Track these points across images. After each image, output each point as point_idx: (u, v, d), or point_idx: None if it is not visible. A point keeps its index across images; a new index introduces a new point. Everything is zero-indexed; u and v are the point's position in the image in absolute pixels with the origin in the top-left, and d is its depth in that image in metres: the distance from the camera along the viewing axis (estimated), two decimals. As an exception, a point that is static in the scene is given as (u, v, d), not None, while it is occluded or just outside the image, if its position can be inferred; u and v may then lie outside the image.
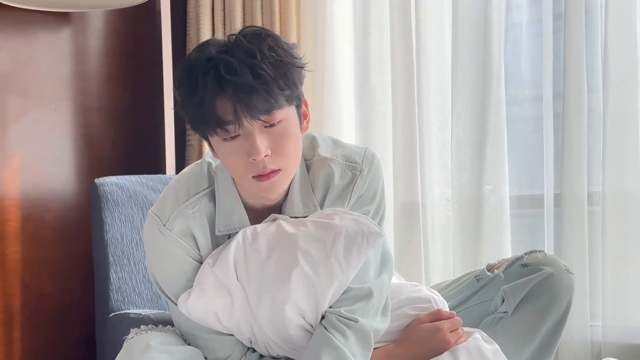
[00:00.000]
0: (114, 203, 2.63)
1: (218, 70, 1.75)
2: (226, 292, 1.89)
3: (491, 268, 2.16)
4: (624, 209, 2.43)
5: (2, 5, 2.86)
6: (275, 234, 1.90)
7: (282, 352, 1.95)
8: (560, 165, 2.53)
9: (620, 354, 2.39)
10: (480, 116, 2.68)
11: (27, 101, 3.00)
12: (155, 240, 1.92)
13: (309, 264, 1.86)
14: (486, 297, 2.13)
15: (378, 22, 2.92)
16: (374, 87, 2.91)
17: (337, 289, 1.88)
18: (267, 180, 1.83)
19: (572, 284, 2.08)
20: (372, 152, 2.01)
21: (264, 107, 1.77)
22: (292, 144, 1.85)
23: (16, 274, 2.94)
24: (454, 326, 2.00)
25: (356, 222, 1.89)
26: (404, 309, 2.02)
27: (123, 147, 3.16)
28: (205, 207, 1.93)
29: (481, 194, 2.67)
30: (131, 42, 3.19)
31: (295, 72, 1.82)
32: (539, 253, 2.13)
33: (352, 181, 1.96)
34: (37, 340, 2.97)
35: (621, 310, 2.43)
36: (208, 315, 1.90)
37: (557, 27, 2.55)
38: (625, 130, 2.42)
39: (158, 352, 1.85)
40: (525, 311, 2.07)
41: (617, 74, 2.42)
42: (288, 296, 1.86)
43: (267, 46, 1.78)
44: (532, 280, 2.06)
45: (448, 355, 1.94)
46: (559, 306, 2.06)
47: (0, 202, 2.92)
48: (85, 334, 2.90)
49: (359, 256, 1.88)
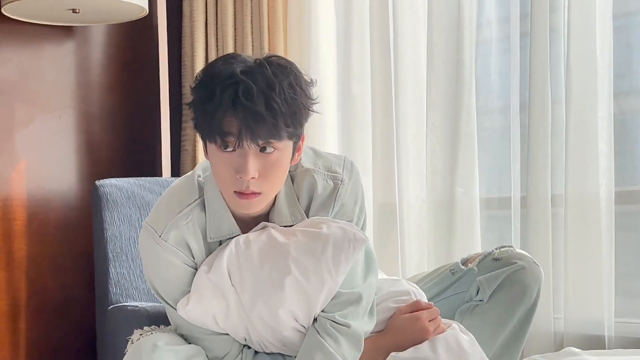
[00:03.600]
0: (114, 203, 2.62)
1: (237, 91, 1.74)
2: (222, 296, 1.88)
3: (465, 262, 2.17)
4: (584, 210, 2.42)
5: (10, 19, 2.86)
6: (267, 242, 1.89)
7: (275, 349, 1.95)
8: (526, 170, 2.52)
9: (580, 343, 2.36)
10: (452, 124, 2.67)
11: (33, 109, 2.99)
12: (152, 251, 1.91)
13: (300, 271, 1.85)
14: (461, 288, 2.15)
15: (359, 38, 2.91)
16: (355, 98, 2.91)
17: (327, 294, 1.88)
18: (246, 199, 1.83)
19: (541, 275, 2.11)
20: (351, 161, 2.01)
21: (266, 135, 1.76)
22: (279, 173, 1.84)
23: (22, 269, 2.94)
24: (432, 315, 2.00)
25: (342, 230, 1.89)
26: (386, 303, 2.03)
27: (122, 152, 3.16)
28: (198, 217, 1.92)
29: (453, 196, 2.66)
30: (130, 54, 3.18)
31: (304, 113, 1.82)
32: (508, 248, 2.15)
33: (335, 190, 1.95)
34: (41, 331, 2.96)
35: (581, 303, 2.43)
36: (206, 318, 1.90)
37: (524, 44, 2.55)
38: (585, 138, 2.41)
39: (165, 352, 1.84)
40: (499, 299, 2.09)
41: (578, 87, 2.42)
42: (282, 302, 1.86)
43: (287, 82, 1.78)
44: (505, 272, 2.08)
45: (428, 344, 1.95)
46: (530, 295, 2.08)
47: (7, 202, 2.92)
48: (86, 325, 2.90)
49: (347, 262, 1.87)
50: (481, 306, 2.09)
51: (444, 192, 2.70)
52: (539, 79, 2.49)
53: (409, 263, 2.77)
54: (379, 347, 1.97)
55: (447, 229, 2.67)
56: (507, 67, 2.65)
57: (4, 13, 2.82)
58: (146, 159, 3.17)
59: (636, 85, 2.43)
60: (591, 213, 2.42)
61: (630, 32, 2.49)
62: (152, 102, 3.14)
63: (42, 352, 2.96)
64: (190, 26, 3.14)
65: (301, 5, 2.99)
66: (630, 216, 2.46)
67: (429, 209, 2.74)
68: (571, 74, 2.43)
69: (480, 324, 2.07)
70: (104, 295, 2.57)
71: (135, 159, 3.17)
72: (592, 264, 2.41)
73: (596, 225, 2.41)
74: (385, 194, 2.86)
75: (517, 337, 2.11)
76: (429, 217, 2.74)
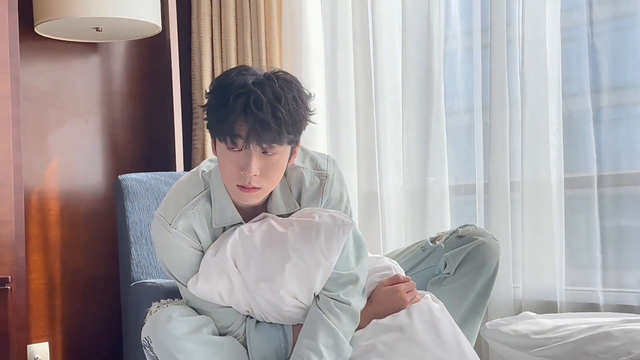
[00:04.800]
0: (134, 195, 2.65)
1: (248, 100, 1.76)
2: (226, 277, 1.90)
3: (434, 240, 2.18)
4: (538, 194, 2.44)
5: (43, 37, 2.87)
6: (268, 232, 1.90)
7: (275, 320, 1.97)
8: (488, 160, 2.54)
9: (536, 308, 2.39)
10: (425, 123, 2.69)
11: (64, 114, 3.00)
12: (163, 237, 1.92)
13: (298, 256, 1.87)
14: (431, 263, 2.16)
15: (343, 50, 2.93)
16: (340, 100, 2.92)
17: (324, 273, 1.89)
18: (247, 193, 1.85)
19: (499, 249, 2.13)
20: (333, 159, 2.03)
21: (270, 140, 1.79)
22: (277, 172, 1.87)
23: (56, 252, 2.95)
24: (409, 287, 2.02)
25: (332, 217, 1.91)
26: (372, 277, 2.04)
27: (141, 150, 3.16)
28: (203, 207, 1.93)
29: (426, 184, 2.68)
30: (147, 66, 3.18)
31: (303, 123, 1.85)
32: (470, 226, 2.17)
33: (321, 186, 1.97)
34: (73, 306, 2.98)
35: (537, 274, 2.45)
36: (212, 294, 1.92)
37: (485, 54, 2.56)
38: (538, 133, 2.44)
39: (178, 322, 1.86)
40: (463, 271, 2.10)
41: (531, 90, 2.44)
42: (283, 284, 1.87)
43: (291, 96, 1.80)
44: (468, 247, 2.10)
45: (404, 312, 1.97)
46: (489, 266, 2.11)
47: (42, 195, 2.93)
48: (112, 300, 2.93)
49: (338, 244, 1.89)
50: (448, 278, 2.11)
51: (418, 181, 2.71)
52: (498, 83, 2.50)
53: (389, 242, 2.79)
54: (364, 314, 1.98)
55: (421, 212, 2.69)
56: (470, 74, 2.67)
57: (37, 32, 2.83)
58: (162, 156, 3.15)
59: (581, 88, 2.43)
60: (544, 197, 2.44)
61: (575, 42, 2.49)
62: (166, 107, 3.12)
63: (75, 323, 2.97)
64: (198, 42, 3.12)
65: (293, 22, 2.99)
66: (577, 199, 2.45)
67: (406, 195, 2.76)
68: (525, 79, 2.45)
69: (448, 293, 2.09)
70: (127, 274, 2.60)
71: (152, 156, 3.16)
72: (546, 240, 2.43)
73: (549, 207, 2.43)
74: (368, 184, 2.88)
75: (480, 303, 2.14)
76: (405, 203, 2.76)
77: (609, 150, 2.40)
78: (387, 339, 1.91)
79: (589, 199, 2.39)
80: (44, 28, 2.80)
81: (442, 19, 2.68)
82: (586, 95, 2.40)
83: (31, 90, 2.91)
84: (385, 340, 1.90)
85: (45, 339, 2.89)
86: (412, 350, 1.88)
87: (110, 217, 2.91)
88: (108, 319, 2.97)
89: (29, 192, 2.86)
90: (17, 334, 2.47)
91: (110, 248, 2.92)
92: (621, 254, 2.38)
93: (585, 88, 2.40)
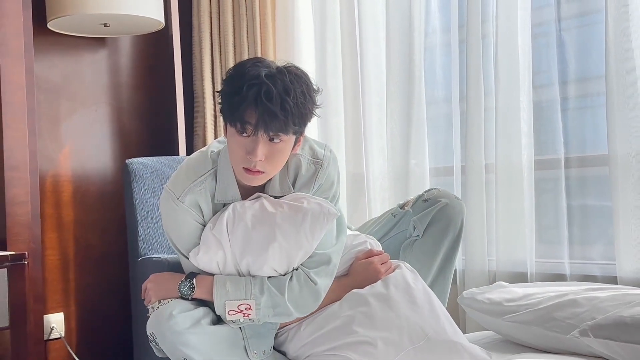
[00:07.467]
0: (141, 177, 2.64)
1: (260, 91, 1.75)
2: (221, 248, 1.89)
3: (402, 206, 2.17)
4: (511, 175, 2.45)
5: (55, 32, 2.85)
6: (259, 210, 1.90)
7: None
8: (465, 145, 2.54)
9: (508, 278, 2.40)
10: (407, 111, 2.69)
11: (75, 104, 2.98)
12: (170, 210, 1.91)
13: (283, 236, 1.86)
14: (402, 228, 2.16)
15: (332, 43, 2.92)
16: (330, 90, 2.90)
17: (303, 254, 1.89)
18: (252, 175, 1.84)
19: (463, 208, 2.12)
20: (331, 149, 2.01)
21: (277, 130, 1.78)
22: (281, 159, 1.86)
23: (70, 230, 2.94)
24: (382, 260, 2.02)
25: (319, 205, 1.90)
26: (350, 253, 2.04)
27: (146, 136, 3.14)
28: (209, 184, 1.92)
29: (408, 167, 2.69)
30: (151, 59, 3.15)
31: (309, 116, 1.84)
32: (434, 190, 2.15)
33: (315, 173, 1.95)
34: (86, 279, 2.97)
35: (509, 248, 2.46)
36: (211, 264, 1.91)
37: (462, 48, 2.56)
38: (510, 120, 2.44)
39: (179, 318, 1.83)
40: (431, 233, 2.10)
41: (504, 81, 2.44)
42: (265, 261, 1.87)
43: (300, 90, 1.79)
44: (433, 210, 2.09)
45: (381, 283, 1.97)
46: (454, 225, 2.10)
47: (56, 178, 2.92)
48: (121, 273, 2.92)
49: (321, 230, 1.88)
50: (418, 240, 2.11)
51: (401, 164, 2.72)
52: (474, 75, 2.50)
53: (374, 220, 2.80)
54: (343, 285, 1.98)
55: (404, 192, 2.69)
56: (449, 66, 2.67)
57: (50, 28, 2.81)
58: (165, 141, 3.13)
59: (550, 79, 2.44)
60: (516, 178, 2.44)
61: (545, 37, 2.50)
62: (169, 97, 3.11)
63: (87, 295, 2.96)
64: (198, 37, 3.10)
65: (286, 18, 2.98)
66: (546, 180, 2.47)
67: (390, 177, 2.76)
68: (499, 71, 2.46)
69: (419, 255, 2.10)
70: (135, 250, 2.59)
71: (157, 141, 3.14)
72: (517, 217, 2.44)
73: (520, 187, 2.44)
74: (355, 166, 2.89)
75: (449, 260, 2.13)
76: (389, 184, 2.76)
77: (575, 136, 2.41)
78: (366, 309, 1.91)
79: (556, 180, 2.40)
80: (56, 24, 2.79)
81: (422, 16, 2.67)
82: (554, 86, 2.41)
83: (45, 82, 2.90)
84: (363, 311, 1.90)
85: (60, 310, 2.90)
86: (389, 317, 1.89)
87: (118, 198, 2.92)
88: (117, 291, 2.96)
89: (43, 176, 2.85)
90: (34, 305, 2.48)
91: (118, 226, 2.92)
92: (585, 229, 2.40)
93: (553, 79, 2.41)
